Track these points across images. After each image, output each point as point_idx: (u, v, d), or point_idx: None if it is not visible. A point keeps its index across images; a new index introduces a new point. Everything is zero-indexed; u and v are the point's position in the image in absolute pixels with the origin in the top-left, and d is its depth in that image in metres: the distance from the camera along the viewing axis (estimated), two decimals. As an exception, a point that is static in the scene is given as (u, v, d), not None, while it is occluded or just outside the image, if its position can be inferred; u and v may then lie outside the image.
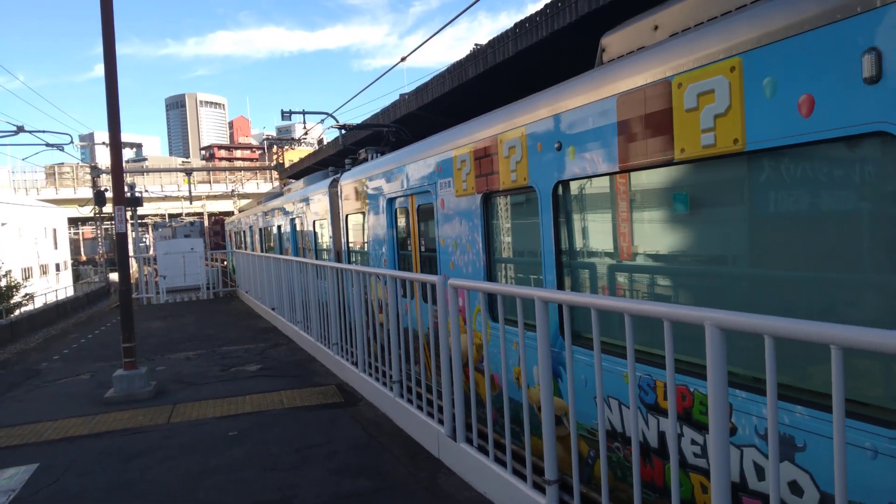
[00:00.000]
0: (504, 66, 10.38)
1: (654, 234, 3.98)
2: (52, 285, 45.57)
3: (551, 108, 4.57)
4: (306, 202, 13.01)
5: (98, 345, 12.67)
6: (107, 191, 29.21)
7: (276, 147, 47.40)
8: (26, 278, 42.01)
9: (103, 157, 64.14)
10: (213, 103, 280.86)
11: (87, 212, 42.90)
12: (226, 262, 29.20)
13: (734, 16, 3.19)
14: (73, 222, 64.72)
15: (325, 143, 25.70)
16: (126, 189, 15.54)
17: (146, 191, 42.04)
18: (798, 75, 2.76)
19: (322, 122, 21.33)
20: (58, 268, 55.00)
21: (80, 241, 75.37)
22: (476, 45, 12.91)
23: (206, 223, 40.79)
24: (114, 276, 38.05)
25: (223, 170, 70.98)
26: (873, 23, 2.45)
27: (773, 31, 2.86)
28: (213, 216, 49.74)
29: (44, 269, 50.94)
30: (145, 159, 42.96)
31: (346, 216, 10.31)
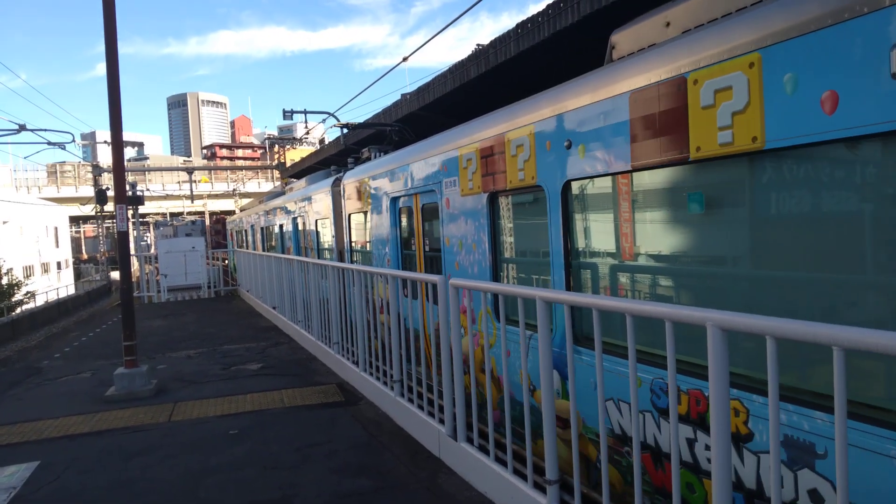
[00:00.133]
0: (506, 67, 10.33)
1: (669, 236, 3.90)
2: (53, 283, 45.53)
3: (561, 105, 4.49)
4: (308, 201, 12.95)
5: (99, 343, 12.64)
6: (108, 189, 29.18)
7: (277, 146, 47.44)
8: (28, 276, 42.10)
9: (105, 156, 64.16)
10: (214, 102, 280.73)
11: (89, 210, 42.93)
12: (227, 261, 29.18)
13: (753, 11, 3.11)
14: (75, 221, 64.70)
15: (327, 142, 25.65)
16: (127, 188, 15.50)
17: (147, 190, 41.98)
18: (821, 71, 2.68)
19: (323, 121, 21.35)
20: (59, 266, 55.04)
21: (82, 240, 75.43)
22: (478, 45, 12.87)
23: (208, 222, 40.79)
24: (115, 275, 38.09)
25: (225, 169, 70.88)
26: None
27: (795, 25, 2.78)
28: (215, 215, 49.76)
29: (45, 268, 50.98)
30: (147, 158, 42.92)
31: (349, 215, 10.25)
